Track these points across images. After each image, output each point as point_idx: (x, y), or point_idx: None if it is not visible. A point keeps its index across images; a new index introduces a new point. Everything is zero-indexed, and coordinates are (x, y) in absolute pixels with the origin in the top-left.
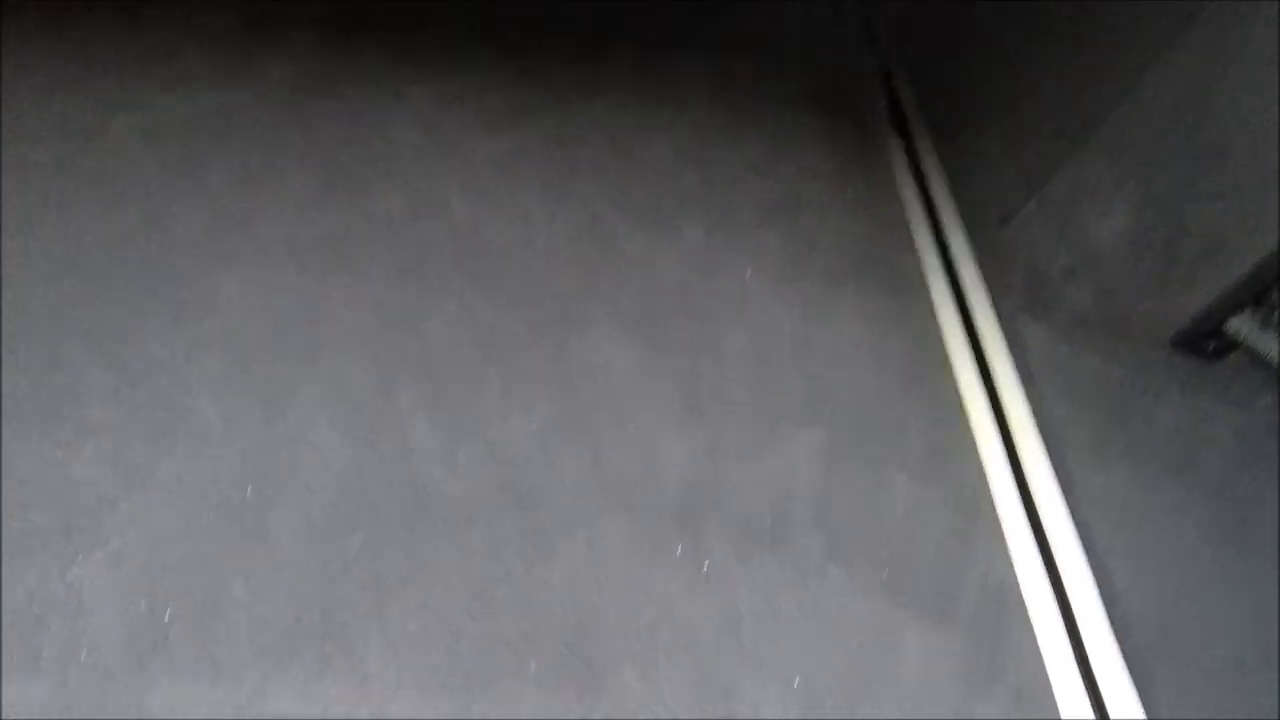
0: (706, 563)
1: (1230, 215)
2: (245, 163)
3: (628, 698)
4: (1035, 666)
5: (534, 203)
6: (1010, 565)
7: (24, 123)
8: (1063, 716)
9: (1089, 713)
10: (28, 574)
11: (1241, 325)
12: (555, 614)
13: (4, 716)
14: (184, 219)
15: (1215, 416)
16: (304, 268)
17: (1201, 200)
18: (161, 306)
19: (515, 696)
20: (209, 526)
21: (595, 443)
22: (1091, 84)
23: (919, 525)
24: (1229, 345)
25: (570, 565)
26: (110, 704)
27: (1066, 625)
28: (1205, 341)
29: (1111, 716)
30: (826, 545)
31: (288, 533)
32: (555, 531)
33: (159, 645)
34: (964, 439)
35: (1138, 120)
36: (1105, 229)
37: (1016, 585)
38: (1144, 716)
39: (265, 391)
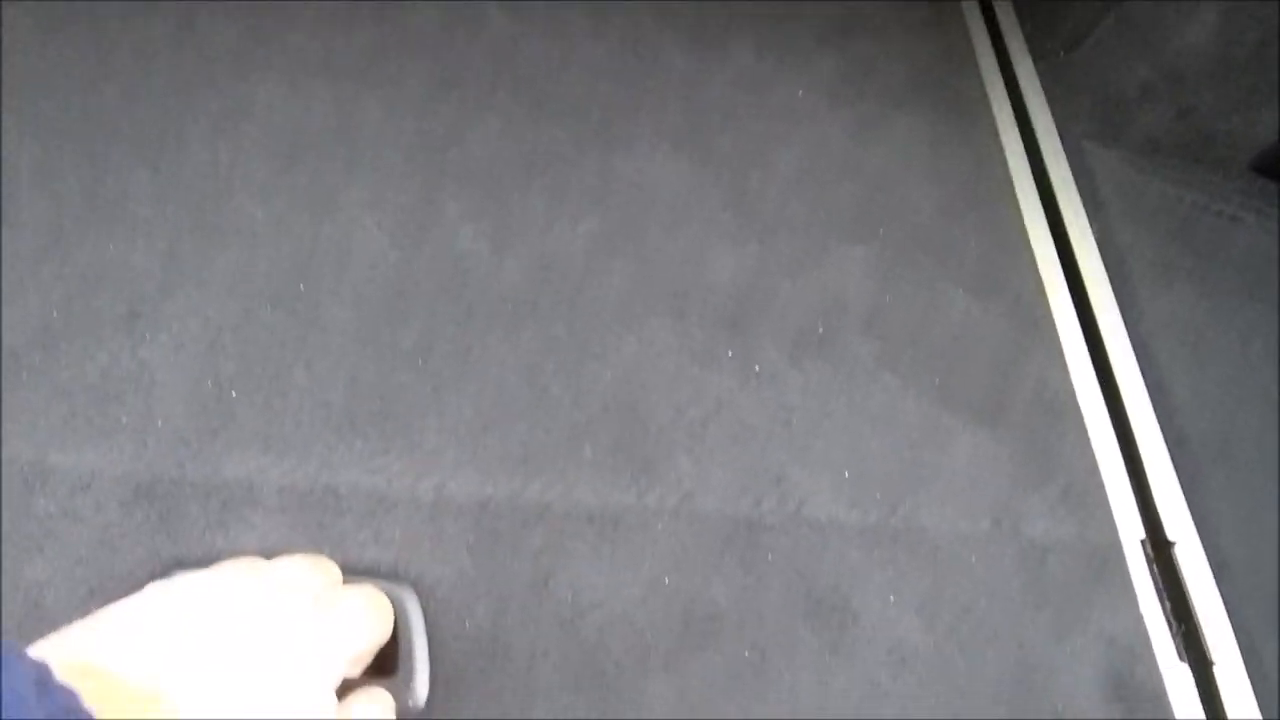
0: (758, 366)
1: None
2: None
3: (681, 481)
4: (1087, 470)
5: (576, 19)
6: (1067, 376)
7: None
8: (1113, 514)
9: (1137, 511)
10: (100, 353)
11: None
12: (608, 406)
13: (94, 474)
14: (213, 30)
15: None
16: (338, 81)
17: None
18: (199, 113)
19: (571, 477)
20: (266, 317)
21: (643, 252)
22: None
23: (973, 337)
24: None
25: (621, 363)
26: (189, 467)
27: (1119, 434)
28: None
29: (1160, 514)
30: (879, 352)
31: (342, 326)
32: (605, 332)
33: (228, 420)
34: (1023, 259)
35: None
36: (1188, 39)
37: (1072, 395)
38: (1189, 513)
39: (309, 197)
